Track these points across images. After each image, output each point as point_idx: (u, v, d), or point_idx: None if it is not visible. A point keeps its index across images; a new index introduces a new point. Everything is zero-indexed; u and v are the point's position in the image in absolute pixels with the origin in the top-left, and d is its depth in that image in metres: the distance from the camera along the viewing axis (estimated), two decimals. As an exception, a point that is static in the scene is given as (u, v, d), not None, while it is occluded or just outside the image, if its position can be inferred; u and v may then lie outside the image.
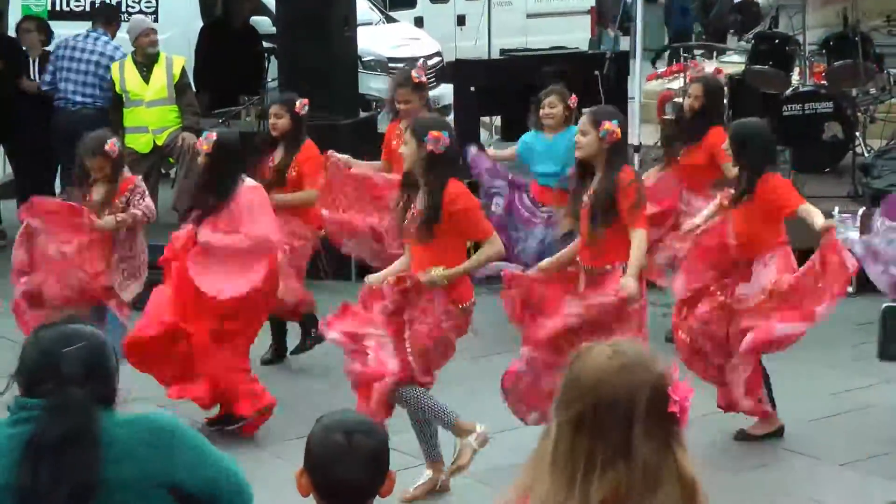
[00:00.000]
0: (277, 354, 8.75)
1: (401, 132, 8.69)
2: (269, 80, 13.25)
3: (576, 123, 9.04)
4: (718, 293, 7.12)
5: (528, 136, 9.17)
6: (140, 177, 8.11)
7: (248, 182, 7.33)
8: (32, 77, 11.54)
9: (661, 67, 16.09)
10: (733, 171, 7.40)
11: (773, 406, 7.29)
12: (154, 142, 11.00)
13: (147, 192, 7.97)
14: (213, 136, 7.34)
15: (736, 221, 7.11)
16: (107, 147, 7.72)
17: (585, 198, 6.67)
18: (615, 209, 6.57)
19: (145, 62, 11.04)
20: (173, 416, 3.33)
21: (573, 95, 9.02)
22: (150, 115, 11.00)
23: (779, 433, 7.29)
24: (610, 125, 6.61)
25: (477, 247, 6.67)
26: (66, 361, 3.16)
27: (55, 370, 3.17)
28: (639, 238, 6.57)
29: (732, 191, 7.19)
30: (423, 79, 8.70)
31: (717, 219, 7.30)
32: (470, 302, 6.46)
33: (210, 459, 3.26)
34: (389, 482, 3.21)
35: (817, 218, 6.87)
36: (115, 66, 11.10)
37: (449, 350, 6.50)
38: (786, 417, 7.39)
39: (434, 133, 6.27)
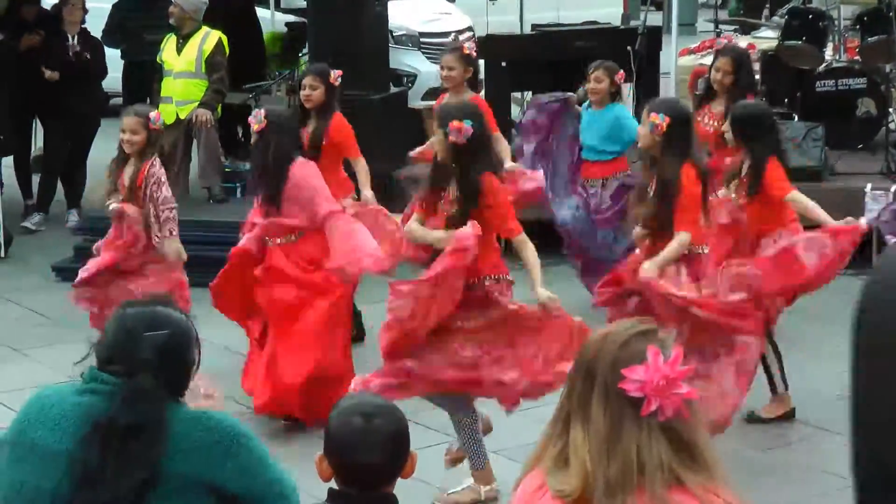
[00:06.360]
0: None
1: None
2: (300, 53, 13.24)
3: (621, 101, 9.03)
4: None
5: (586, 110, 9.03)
6: (156, 157, 7.49)
7: (298, 158, 7.20)
8: (71, 54, 11.43)
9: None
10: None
11: (786, 387, 7.24)
12: (177, 114, 11.01)
13: (164, 179, 7.45)
14: (263, 112, 7.13)
15: (745, 205, 6.99)
16: (151, 114, 7.42)
17: (648, 191, 6.49)
18: (673, 205, 6.32)
19: (184, 34, 11.07)
20: (240, 422, 3.29)
21: (621, 72, 8.90)
22: (176, 87, 10.99)
23: (790, 415, 7.23)
24: (655, 117, 6.33)
25: (507, 242, 6.52)
26: (144, 346, 3.12)
27: (131, 352, 3.13)
28: (678, 239, 6.33)
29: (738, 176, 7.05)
30: (473, 53, 8.68)
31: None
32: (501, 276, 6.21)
33: (263, 474, 3.23)
34: (411, 463, 3.20)
35: (818, 212, 6.79)
36: (166, 36, 11.14)
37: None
38: (813, 394, 7.37)
39: (454, 123, 5.92)
